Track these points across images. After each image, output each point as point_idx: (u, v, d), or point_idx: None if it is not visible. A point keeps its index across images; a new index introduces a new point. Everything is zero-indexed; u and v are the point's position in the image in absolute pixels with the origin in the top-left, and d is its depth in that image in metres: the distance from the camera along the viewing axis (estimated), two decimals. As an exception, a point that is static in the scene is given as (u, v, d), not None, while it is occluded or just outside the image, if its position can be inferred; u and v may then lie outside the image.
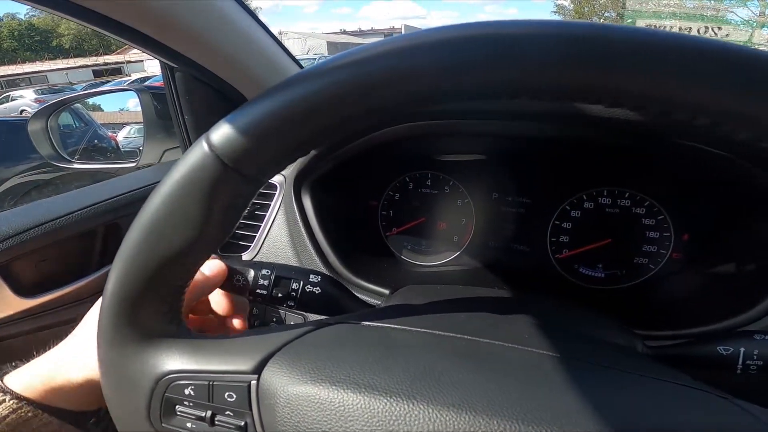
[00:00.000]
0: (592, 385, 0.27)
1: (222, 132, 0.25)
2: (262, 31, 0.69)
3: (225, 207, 0.27)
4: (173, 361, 0.30)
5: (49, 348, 0.39)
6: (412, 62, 0.22)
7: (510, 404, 0.25)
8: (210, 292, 0.43)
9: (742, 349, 0.38)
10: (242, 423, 0.28)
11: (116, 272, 0.28)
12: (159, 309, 0.30)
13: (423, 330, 0.33)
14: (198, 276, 0.40)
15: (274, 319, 0.66)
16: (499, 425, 0.24)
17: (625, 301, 0.64)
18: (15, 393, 0.35)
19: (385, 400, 0.25)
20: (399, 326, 0.33)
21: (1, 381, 0.36)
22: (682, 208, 0.64)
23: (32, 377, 0.37)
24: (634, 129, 0.51)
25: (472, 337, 0.32)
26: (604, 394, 0.26)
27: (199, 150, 0.25)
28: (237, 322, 0.45)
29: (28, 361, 0.39)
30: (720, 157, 0.50)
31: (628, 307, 0.61)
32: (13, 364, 0.40)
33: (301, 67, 0.80)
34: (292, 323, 0.55)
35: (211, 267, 0.42)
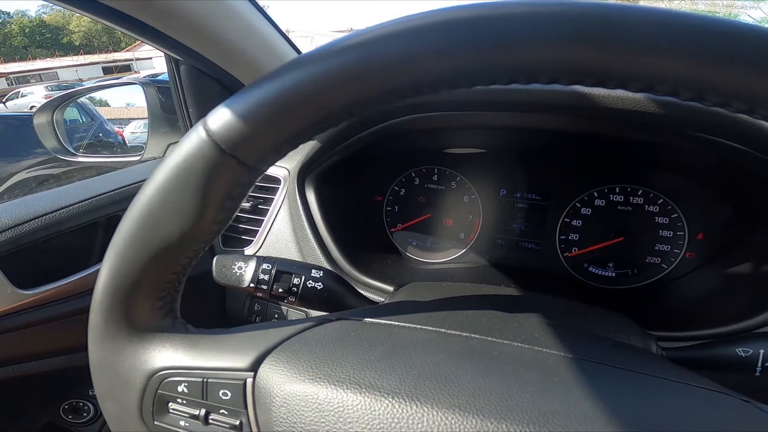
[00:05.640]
0: (608, 387, 0.26)
1: (220, 117, 0.23)
2: (264, 20, 0.67)
3: (222, 196, 0.25)
4: (166, 356, 0.29)
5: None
6: (432, 40, 0.20)
7: (522, 407, 0.23)
8: None
9: (762, 351, 0.37)
10: (237, 422, 0.27)
11: (107, 265, 0.27)
12: (152, 303, 0.28)
13: (428, 328, 0.32)
14: None
15: (276, 316, 0.65)
16: (510, 429, 0.22)
17: (637, 301, 0.63)
18: None
19: (387, 401, 0.24)
20: (403, 324, 0.32)
21: None
22: (697, 207, 0.62)
23: None
24: (649, 122, 0.49)
25: (480, 336, 0.31)
26: (621, 398, 0.25)
27: (196, 136, 0.24)
28: None
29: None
30: (738, 150, 0.48)
31: (640, 307, 0.60)
32: None
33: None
34: (292, 319, 0.54)
35: None
